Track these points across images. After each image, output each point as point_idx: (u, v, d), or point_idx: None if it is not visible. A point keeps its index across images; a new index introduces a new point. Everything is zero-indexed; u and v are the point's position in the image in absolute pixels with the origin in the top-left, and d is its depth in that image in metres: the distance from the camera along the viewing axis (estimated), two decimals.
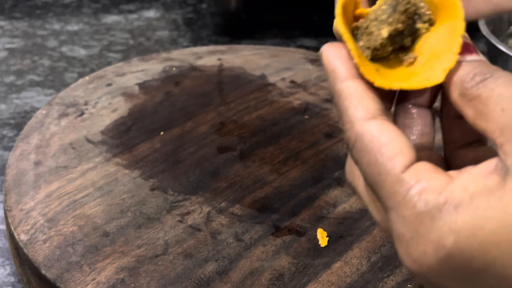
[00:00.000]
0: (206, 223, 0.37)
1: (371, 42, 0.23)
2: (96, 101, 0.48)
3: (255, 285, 0.33)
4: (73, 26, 0.72)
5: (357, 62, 0.23)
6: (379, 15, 0.23)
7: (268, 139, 0.45)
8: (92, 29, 0.71)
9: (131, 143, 0.44)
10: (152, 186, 0.40)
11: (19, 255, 0.36)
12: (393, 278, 0.33)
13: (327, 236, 0.36)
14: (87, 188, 0.39)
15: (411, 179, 0.20)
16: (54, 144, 0.43)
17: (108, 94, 0.49)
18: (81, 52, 0.66)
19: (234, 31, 0.71)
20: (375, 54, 0.24)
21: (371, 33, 0.23)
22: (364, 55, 0.23)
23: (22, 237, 0.35)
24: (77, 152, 0.42)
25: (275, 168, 0.42)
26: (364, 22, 0.24)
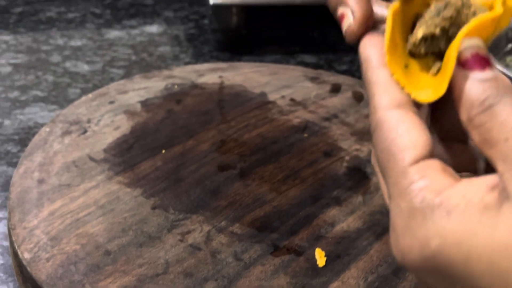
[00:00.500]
0: (206, 242, 0.38)
1: (412, 38, 0.23)
2: (99, 119, 0.49)
3: None
4: (77, 42, 0.73)
5: (386, 50, 0.23)
6: (427, 13, 0.23)
7: (268, 158, 0.46)
8: (95, 45, 0.72)
9: (133, 161, 0.44)
10: (154, 205, 0.40)
11: (23, 273, 0.36)
12: None
13: (325, 256, 0.37)
14: (90, 207, 0.40)
15: (416, 174, 0.21)
16: (58, 162, 0.44)
17: (111, 112, 0.50)
18: (84, 68, 0.67)
19: (235, 47, 0.72)
20: (414, 51, 0.24)
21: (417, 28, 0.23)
22: (407, 47, 0.23)
23: (26, 256, 0.36)
24: (80, 170, 0.43)
25: (275, 187, 0.43)
26: (426, 14, 0.23)
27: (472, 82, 0.22)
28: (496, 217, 0.19)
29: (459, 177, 0.22)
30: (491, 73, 0.22)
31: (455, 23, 0.23)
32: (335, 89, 0.55)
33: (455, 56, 0.22)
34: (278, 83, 0.55)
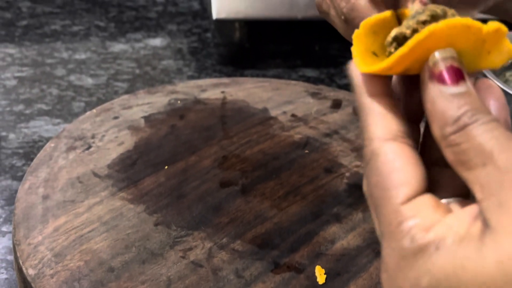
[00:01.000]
0: (208, 259, 0.38)
1: (387, 38, 0.24)
2: (103, 134, 0.50)
3: None
4: (81, 55, 0.73)
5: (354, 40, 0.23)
6: (406, 18, 0.24)
7: (269, 174, 0.46)
8: (100, 58, 0.73)
9: (136, 177, 0.45)
10: (156, 221, 0.41)
11: None
12: None
13: (325, 273, 0.37)
14: (93, 223, 0.40)
15: (408, 213, 0.21)
16: (62, 178, 0.44)
17: (115, 127, 0.51)
18: (89, 81, 0.68)
19: (238, 61, 0.73)
20: (387, 50, 0.24)
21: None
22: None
23: (30, 272, 0.37)
24: (84, 186, 0.44)
25: (276, 204, 0.43)
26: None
27: (446, 97, 0.21)
28: (481, 249, 0.19)
29: (451, 209, 0.22)
30: (465, 87, 0.21)
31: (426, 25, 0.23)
32: (336, 105, 0.56)
33: (413, 43, 0.21)
34: (280, 99, 0.56)
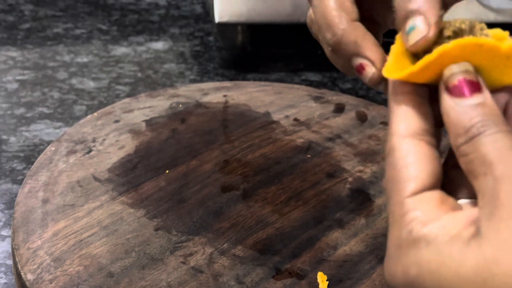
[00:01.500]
0: (209, 265, 0.38)
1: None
2: (104, 138, 0.49)
3: None
4: (83, 58, 0.73)
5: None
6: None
7: (271, 179, 0.46)
8: (102, 61, 0.73)
9: (137, 182, 0.45)
10: (156, 226, 0.41)
11: None
12: None
13: (327, 280, 0.37)
14: (93, 227, 0.40)
15: (411, 206, 0.22)
16: (62, 182, 0.44)
17: (116, 131, 0.50)
18: (90, 85, 0.68)
19: (240, 65, 0.72)
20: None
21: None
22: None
23: (29, 277, 0.36)
24: (84, 190, 0.43)
25: (277, 209, 0.43)
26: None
27: (459, 109, 0.22)
28: (464, 251, 0.21)
29: (457, 207, 0.23)
30: (479, 99, 0.22)
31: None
32: (339, 109, 0.55)
33: (423, 63, 0.23)
34: (282, 103, 0.56)
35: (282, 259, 0.38)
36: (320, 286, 0.36)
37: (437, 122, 0.25)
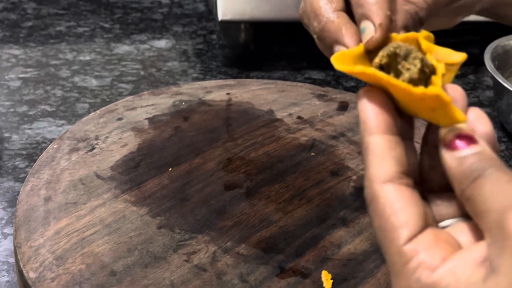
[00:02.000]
0: (212, 263, 0.37)
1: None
2: (107, 136, 0.49)
3: None
4: (86, 56, 0.73)
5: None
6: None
7: (274, 177, 0.46)
8: (104, 59, 0.72)
9: (140, 180, 0.44)
10: (159, 224, 0.40)
11: None
12: None
13: (332, 279, 0.36)
14: (96, 226, 0.40)
15: (410, 253, 0.22)
16: (64, 180, 0.44)
17: (119, 129, 0.50)
18: (93, 83, 0.68)
19: (243, 63, 0.72)
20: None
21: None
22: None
23: (31, 275, 0.36)
24: (87, 188, 0.43)
25: (281, 207, 0.42)
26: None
27: (459, 160, 0.23)
28: None
29: (452, 239, 0.23)
30: (476, 148, 0.23)
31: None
32: (343, 107, 0.55)
33: (361, 69, 0.25)
34: (286, 101, 0.55)
35: (286, 258, 0.38)
36: (325, 285, 0.36)
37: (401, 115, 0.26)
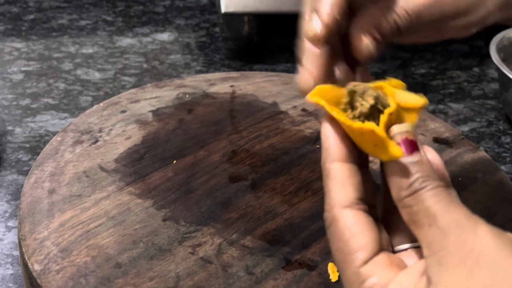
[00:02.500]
0: (217, 256, 0.37)
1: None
2: (111, 128, 0.49)
3: None
4: (88, 49, 0.73)
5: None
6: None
7: (279, 169, 0.45)
8: (107, 52, 0.72)
9: (144, 172, 0.44)
10: (164, 216, 0.40)
11: (33, 285, 0.36)
12: None
13: (338, 271, 0.36)
14: (100, 218, 0.40)
15: (366, 273, 0.24)
16: (68, 172, 0.44)
17: (122, 121, 0.50)
18: (96, 75, 0.67)
19: (247, 56, 0.72)
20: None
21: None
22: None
23: (36, 267, 0.36)
24: (91, 181, 0.43)
25: (286, 199, 0.42)
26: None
27: (401, 165, 0.24)
28: None
29: (403, 262, 0.25)
30: (417, 157, 0.24)
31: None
32: None
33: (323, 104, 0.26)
34: (290, 93, 0.55)
35: (292, 250, 0.38)
36: (331, 277, 0.36)
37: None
